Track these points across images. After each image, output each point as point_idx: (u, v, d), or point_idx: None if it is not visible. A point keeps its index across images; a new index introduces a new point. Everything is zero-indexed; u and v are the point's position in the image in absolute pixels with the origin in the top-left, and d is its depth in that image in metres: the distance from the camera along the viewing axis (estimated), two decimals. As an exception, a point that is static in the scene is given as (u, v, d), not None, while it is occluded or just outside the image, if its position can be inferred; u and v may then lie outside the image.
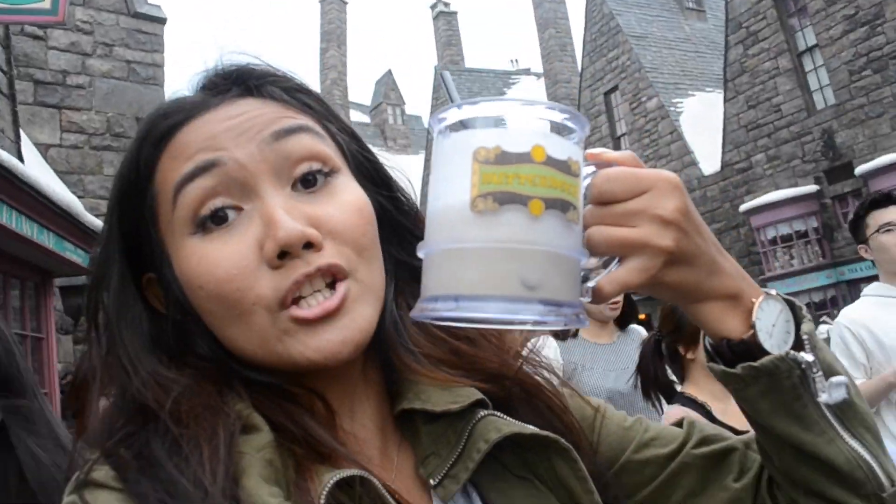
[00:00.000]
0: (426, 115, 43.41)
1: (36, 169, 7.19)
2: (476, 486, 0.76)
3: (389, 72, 52.94)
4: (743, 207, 20.35)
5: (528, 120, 0.61)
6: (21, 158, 7.25)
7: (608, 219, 0.64)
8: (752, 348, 0.70)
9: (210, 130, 0.73)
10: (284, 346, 0.70)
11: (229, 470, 0.62)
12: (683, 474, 0.84)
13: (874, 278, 3.41)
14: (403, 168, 0.92)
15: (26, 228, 6.18)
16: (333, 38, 48.39)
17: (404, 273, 0.84)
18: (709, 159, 22.66)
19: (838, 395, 0.69)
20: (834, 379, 0.69)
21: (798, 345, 0.71)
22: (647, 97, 25.29)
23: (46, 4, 6.99)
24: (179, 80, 0.83)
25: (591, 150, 0.67)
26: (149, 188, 0.75)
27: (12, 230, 5.91)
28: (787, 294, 0.74)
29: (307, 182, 0.73)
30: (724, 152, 21.83)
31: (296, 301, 0.70)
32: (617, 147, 26.60)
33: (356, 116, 49.40)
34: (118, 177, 0.78)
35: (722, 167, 21.95)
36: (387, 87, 51.39)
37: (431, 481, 0.74)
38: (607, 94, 27.47)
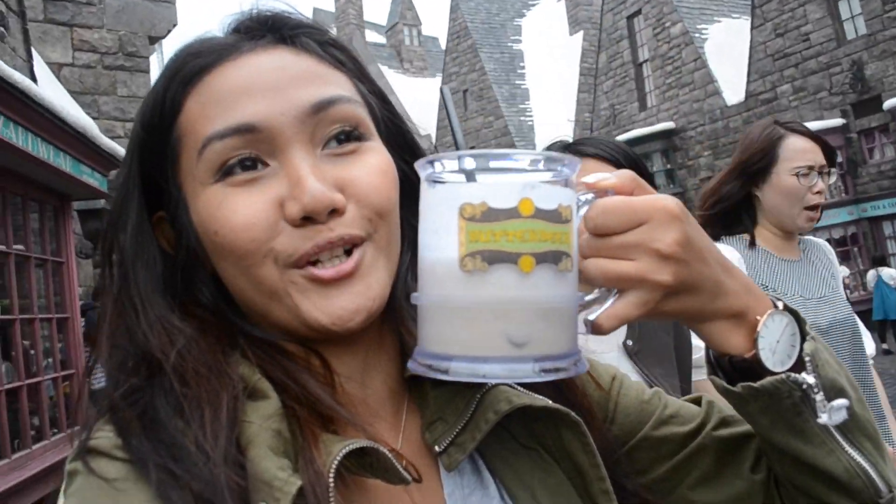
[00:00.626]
0: (443, 37, 42.65)
1: (49, 89, 7.04)
2: (481, 454, 0.77)
3: (405, -11, 51.58)
4: (766, 139, 19.99)
5: (513, 172, 0.60)
6: (34, 78, 7.10)
7: (604, 251, 0.62)
8: (753, 365, 0.69)
9: (244, 80, 0.71)
10: (294, 301, 0.70)
11: (231, 435, 0.63)
12: (701, 455, 0.84)
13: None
14: (420, 92, 0.88)
15: (42, 151, 6.09)
16: (348, -48, 47.09)
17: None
18: (733, 89, 22.17)
19: (838, 417, 0.68)
20: (835, 402, 0.68)
21: (801, 361, 0.70)
22: (671, 22, 24.61)
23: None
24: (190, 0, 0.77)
25: (586, 179, 0.65)
26: (173, 128, 0.74)
27: (28, 153, 5.82)
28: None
29: (338, 141, 0.73)
30: (748, 82, 21.33)
31: (312, 263, 0.70)
32: (639, 74, 26.13)
33: (371, 37, 48.54)
34: (141, 113, 0.77)
35: (746, 97, 21.50)
36: (403, 7, 50.20)
37: (437, 448, 0.75)
38: (630, 17, 26.76)
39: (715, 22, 24.58)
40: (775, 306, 0.70)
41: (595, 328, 0.63)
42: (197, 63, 0.73)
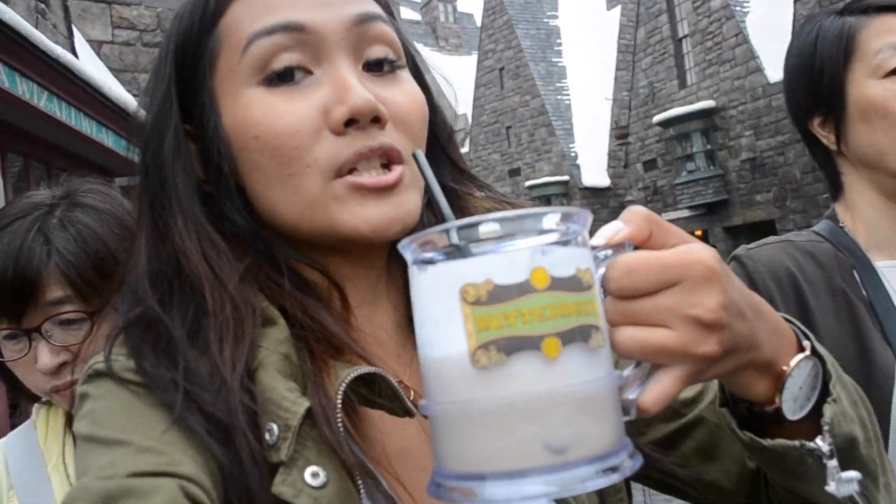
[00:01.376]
0: (478, 13, 42.28)
1: (91, 66, 7.10)
2: None
3: (441, -34, 51.24)
4: (810, 117, 19.55)
5: (518, 238, 0.49)
6: (76, 55, 7.16)
7: (634, 317, 0.54)
8: (770, 412, 0.64)
9: None
10: (330, 212, 0.70)
11: (249, 364, 0.63)
12: (697, 428, 0.82)
13: None
14: (456, 71, 0.83)
15: (86, 126, 6.17)
16: (384, -71, 46.93)
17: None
18: (776, 65, 21.63)
19: (847, 490, 0.63)
20: (845, 475, 0.63)
21: (819, 408, 0.65)
22: (712, -5, 24.09)
23: None
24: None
25: (595, 238, 0.56)
26: (214, 29, 0.74)
27: (72, 127, 5.90)
28: None
29: (378, 65, 0.74)
30: (793, 57, 20.85)
31: (351, 172, 0.70)
32: (678, 50, 25.67)
33: (406, 14, 48.46)
34: (179, 18, 0.76)
35: (790, 73, 21.00)
36: (438, -17, 49.88)
37: (422, 411, 0.69)
38: (670, -9, 26.25)
39: (758, -5, 24.03)
40: (801, 346, 0.65)
41: (641, 412, 0.54)
42: None
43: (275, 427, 0.62)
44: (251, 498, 0.60)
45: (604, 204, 29.79)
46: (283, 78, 0.71)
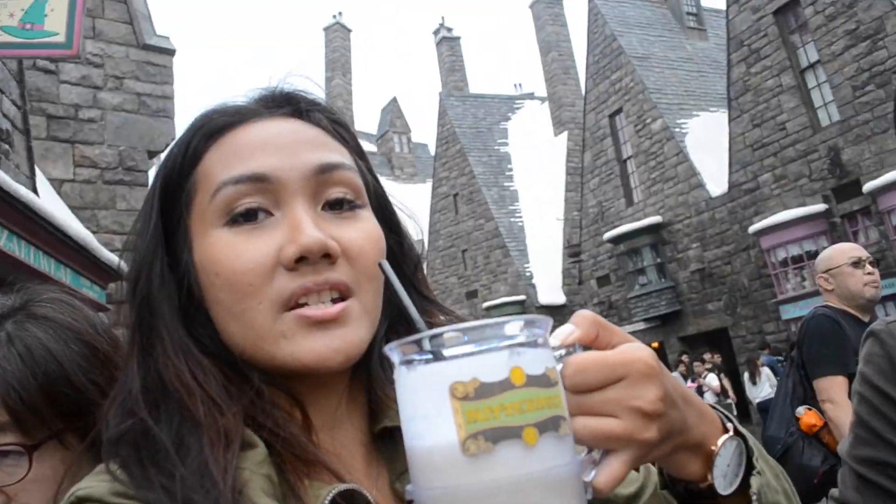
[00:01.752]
0: (432, 143, 43.64)
1: (51, 204, 7.21)
2: None
3: (395, 99, 53.32)
4: (752, 229, 20.28)
5: (497, 343, 0.57)
6: (37, 194, 7.28)
7: (587, 409, 0.62)
8: (706, 491, 0.72)
9: (261, 138, 0.80)
10: (279, 347, 0.74)
11: (234, 474, 0.65)
12: None
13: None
14: (411, 198, 0.97)
15: (44, 264, 6.20)
16: (338, 66, 48.79)
17: (397, 315, 0.87)
18: (716, 180, 22.66)
19: None
20: None
21: (747, 481, 0.73)
22: (651, 119, 25.38)
23: (61, 38, 7.04)
24: (190, 112, 0.90)
25: (551, 339, 0.65)
26: (192, 174, 0.81)
27: (31, 266, 5.93)
28: (803, 316, 0.73)
29: (336, 205, 0.80)
30: (730, 173, 21.84)
31: (299, 307, 0.74)
32: (623, 171, 26.71)
33: (363, 146, 49.54)
34: (165, 160, 0.84)
35: (729, 188, 21.94)
36: (392, 115, 51.69)
37: (407, 497, 0.76)
38: (612, 116, 27.58)
39: (694, 116, 25.35)
40: (725, 428, 0.73)
41: (596, 492, 0.61)
42: (221, 120, 0.82)
43: None
44: None
45: (560, 321, 29.14)
46: (246, 218, 0.76)
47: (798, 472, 3.33)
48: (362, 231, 0.80)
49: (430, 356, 0.57)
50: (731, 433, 0.73)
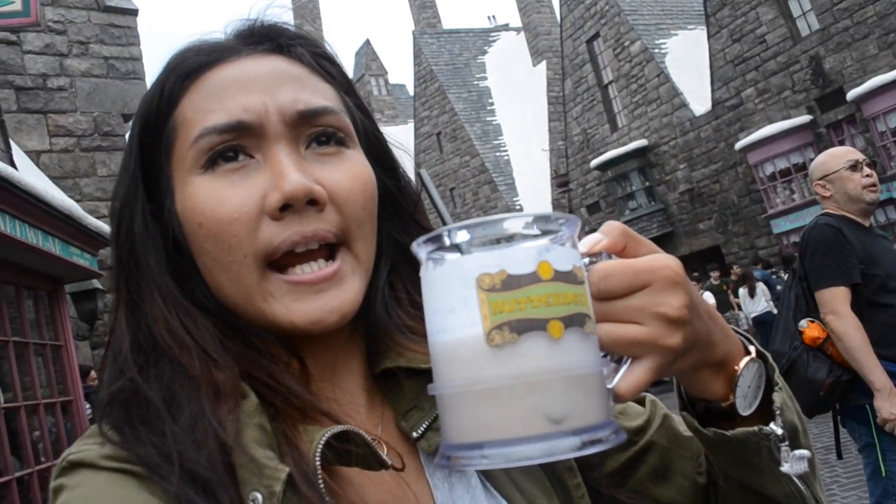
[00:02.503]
0: (410, 83, 43.08)
1: (31, 176, 7.11)
2: None
3: (368, 41, 52.45)
4: (738, 145, 20.31)
5: (525, 235, 0.56)
6: (14, 167, 7.17)
7: (611, 316, 0.60)
8: (725, 409, 0.71)
9: (241, 78, 0.75)
10: (269, 306, 0.72)
11: (224, 427, 0.64)
12: (650, 452, 0.88)
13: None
14: (394, 138, 0.91)
15: (31, 236, 6.14)
16: (307, 13, 47.82)
17: (400, 254, 0.84)
18: (699, 99, 22.55)
19: (799, 467, 0.70)
20: (797, 453, 0.71)
21: (765, 405, 0.72)
22: (629, 41, 25.10)
23: (18, 6, 6.85)
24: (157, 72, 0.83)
25: (579, 246, 0.63)
26: (169, 119, 0.76)
27: (18, 239, 5.87)
28: (794, 229, 0.72)
29: (321, 141, 0.76)
30: (713, 90, 21.72)
31: (287, 257, 0.72)
32: (605, 96, 26.52)
33: (339, 91, 49.00)
34: (141, 104, 0.79)
35: (713, 106, 21.86)
36: (367, 58, 50.90)
37: (414, 434, 0.76)
38: (589, 41, 27.27)
39: (672, 35, 25.08)
40: (747, 350, 0.73)
41: (617, 398, 0.60)
42: (197, 60, 0.77)
43: (259, 496, 0.62)
44: None
45: None
46: (225, 158, 0.73)
47: (804, 386, 3.34)
48: (349, 172, 0.76)
49: (457, 250, 0.56)
50: (753, 355, 0.72)
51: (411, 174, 0.90)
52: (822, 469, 6.80)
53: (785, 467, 0.70)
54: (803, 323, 3.45)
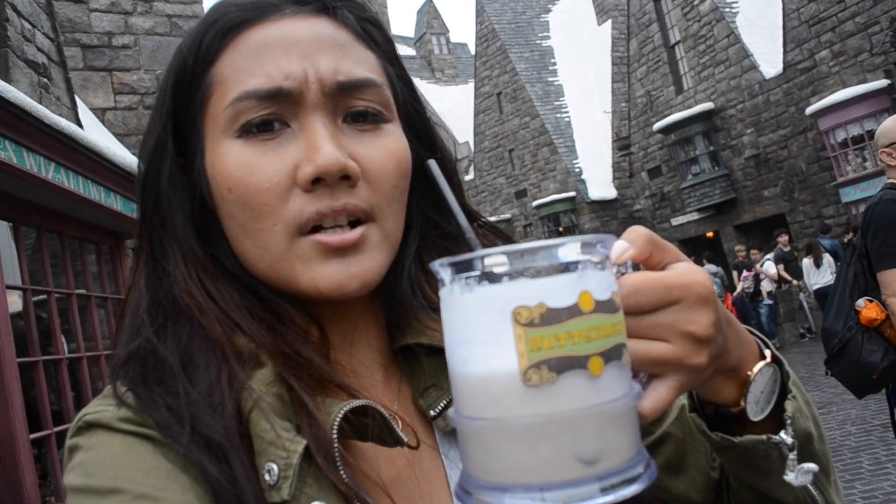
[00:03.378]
0: (471, 42, 42.60)
1: (96, 134, 7.29)
2: None
3: (430, 0, 51.86)
4: (809, 110, 19.50)
5: (565, 263, 0.51)
6: (80, 125, 7.36)
7: (636, 331, 0.58)
8: (735, 414, 0.70)
9: (283, 40, 0.72)
10: (294, 271, 0.71)
11: (238, 395, 0.65)
12: (665, 443, 0.87)
13: None
14: (454, 100, 0.87)
15: (94, 193, 6.30)
16: (370, -30, 47.54)
17: (432, 231, 0.84)
18: (770, 61, 21.70)
19: (804, 479, 0.69)
20: (805, 466, 0.69)
21: (777, 410, 0.71)
22: (699, 0, 24.22)
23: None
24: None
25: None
26: (205, 75, 0.74)
27: (81, 195, 6.03)
28: (864, 198, 0.68)
29: (359, 117, 0.74)
30: (785, 52, 20.84)
31: (315, 230, 0.71)
32: (672, 57, 25.75)
33: (401, 50, 48.59)
34: (176, 55, 0.77)
35: (784, 68, 21.01)
36: (429, 16, 50.46)
37: (431, 412, 0.76)
38: (657, 0, 26.41)
39: (744, -6, 24.14)
40: (762, 354, 0.71)
41: (642, 418, 0.57)
42: (238, 15, 0.74)
43: (275, 467, 0.62)
44: None
45: (612, 216, 29.77)
46: (260, 129, 0.71)
47: (856, 368, 3.23)
48: (384, 149, 0.75)
49: (489, 277, 0.51)
50: (767, 360, 0.70)
51: (457, 137, 0.84)
52: (880, 447, 6.68)
53: (789, 477, 0.69)
54: (860, 302, 3.30)
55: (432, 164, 0.72)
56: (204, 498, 0.61)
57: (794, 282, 15.31)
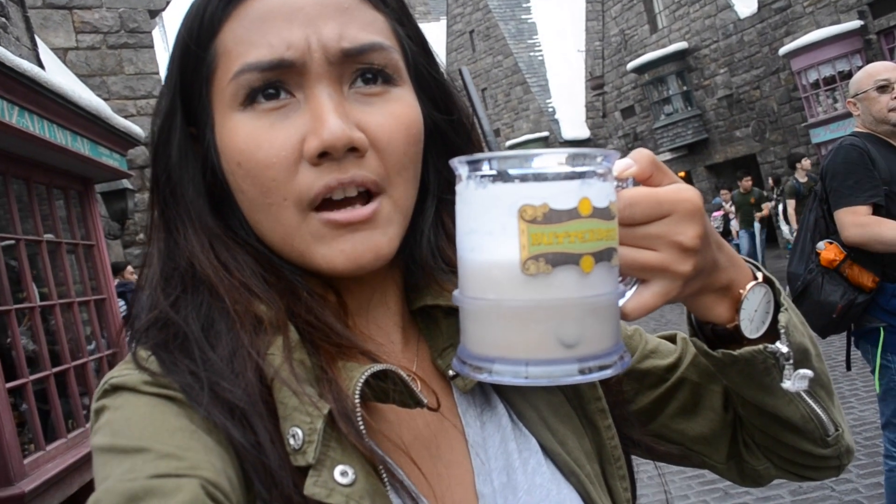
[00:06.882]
0: (443, -23, 41.61)
1: (59, 75, 7.07)
2: None
3: (400, -67, 50.44)
4: (783, 50, 19.47)
5: (571, 171, 0.58)
6: (41, 65, 7.13)
7: (629, 240, 0.63)
8: (732, 332, 0.75)
9: (285, 7, 0.71)
10: (308, 248, 0.72)
11: (260, 361, 0.66)
12: (680, 388, 0.92)
13: None
14: (427, 37, 0.84)
15: (60, 137, 6.14)
16: None
17: (449, 193, 0.81)
18: (745, 1, 21.54)
19: (801, 385, 0.74)
20: (800, 372, 0.74)
21: (774, 329, 0.76)
22: (674, -64, 23.84)
23: None
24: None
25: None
26: (211, 45, 0.73)
27: (47, 140, 5.88)
28: (834, 139, 0.71)
29: (366, 79, 0.73)
30: (760, -10, 20.69)
31: (326, 204, 0.71)
32: (646, -6, 25.38)
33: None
34: (181, 26, 0.76)
35: (759, 8, 20.89)
36: (399, -50, 49.12)
37: (450, 372, 0.78)
38: (633, -65, 25.95)
39: (720, -69, 23.78)
40: (755, 276, 0.75)
41: (623, 316, 0.64)
42: None
43: (299, 431, 0.63)
44: (284, 494, 0.61)
45: None
46: (265, 96, 0.71)
47: (816, 308, 3.32)
48: (392, 116, 0.73)
49: (502, 176, 0.58)
50: (759, 280, 0.75)
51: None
52: (843, 382, 6.90)
53: (786, 384, 0.74)
54: (821, 245, 3.41)
55: (464, 70, 0.74)
56: (227, 460, 0.62)
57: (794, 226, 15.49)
